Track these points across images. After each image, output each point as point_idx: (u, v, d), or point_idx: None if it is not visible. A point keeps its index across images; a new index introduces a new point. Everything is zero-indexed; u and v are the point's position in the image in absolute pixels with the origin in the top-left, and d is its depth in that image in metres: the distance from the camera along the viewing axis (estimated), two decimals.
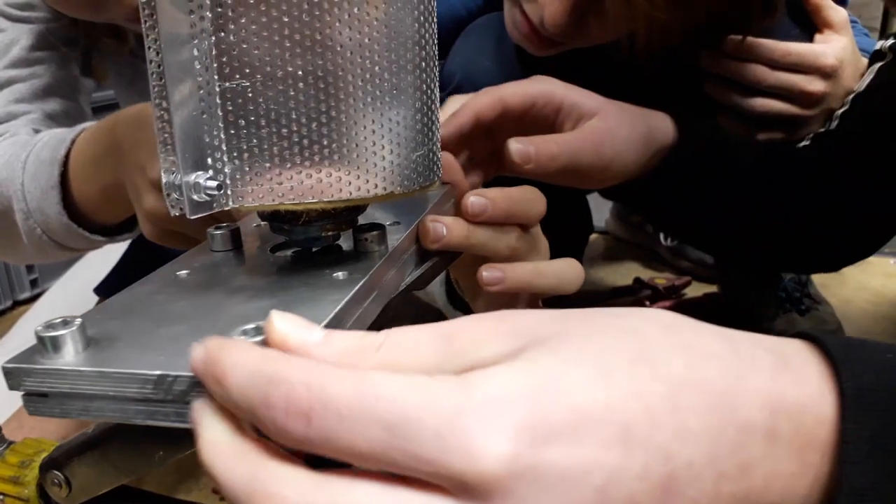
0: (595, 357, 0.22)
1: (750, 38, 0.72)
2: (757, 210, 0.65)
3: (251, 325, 0.26)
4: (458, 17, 0.87)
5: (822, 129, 0.72)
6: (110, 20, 0.77)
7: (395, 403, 0.20)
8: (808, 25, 0.75)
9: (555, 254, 0.57)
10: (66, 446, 0.45)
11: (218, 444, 0.23)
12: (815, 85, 0.72)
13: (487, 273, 0.40)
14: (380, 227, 0.36)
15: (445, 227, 0.39)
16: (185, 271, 0.35)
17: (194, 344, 0.25)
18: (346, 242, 0.37)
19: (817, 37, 0.75)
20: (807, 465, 0.23)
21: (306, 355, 0.24)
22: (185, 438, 0.39)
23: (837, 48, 0.73)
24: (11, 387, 0.28)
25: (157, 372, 0.26)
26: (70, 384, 0.27)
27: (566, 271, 0.44)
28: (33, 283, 1.29)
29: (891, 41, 0.70)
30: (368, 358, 0.24)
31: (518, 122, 0.54)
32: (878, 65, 0.71)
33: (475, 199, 0.39)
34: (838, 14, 0.74)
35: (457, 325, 0.24)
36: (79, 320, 0.28)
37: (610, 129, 0.54)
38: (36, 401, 0.28)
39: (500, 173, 0.55)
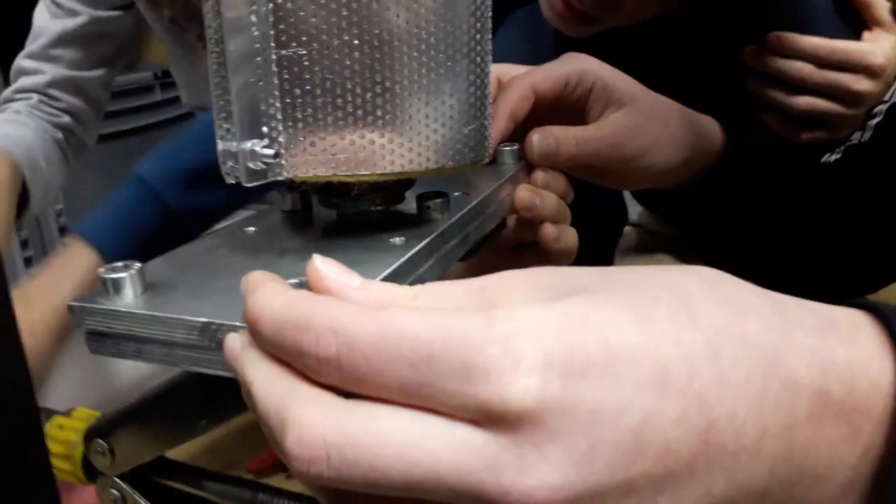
0: (631, 302, 0.21)
1: (794, 35, 0.70)
2: (798, 228, 0.62)
3: (295, 280, 0.26)
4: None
5: (855, 142, 0.70)
6: None
7: (419, 341, 0.20)
8: (856, 22, 0.73)
9: (588, 245, 0.57)
10: (110, 415, 0.46)
11: (254, 367, 0.23)
12: (861, 84, 0.70)
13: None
14: (444, 195, 0.36)
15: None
16: (252, 228, 0.36)
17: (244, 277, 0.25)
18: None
19: (865, 34, 0.72)
20: (857, 431, 0.22)
21: (341, 298, 0.23)
22: (228, 406, 0.39)
23: (886, 47, 0.71)
24: (75, 324, 0.29)
25: (203, 319, 0.27)
26: (125, 325, 0.28)
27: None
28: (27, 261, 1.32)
29: None
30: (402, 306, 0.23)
31: (551, 105, 0.51)
32: None
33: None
34: (888, 12, 0.72)
35: (492, 278, 0.24)
36: (138, 265, 0.29)
37: (636, 125, 0.50)
38: (96, 339, 0.29)
39: None
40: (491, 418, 0.19)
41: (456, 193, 0.38)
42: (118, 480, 0.47)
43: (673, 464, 0.20)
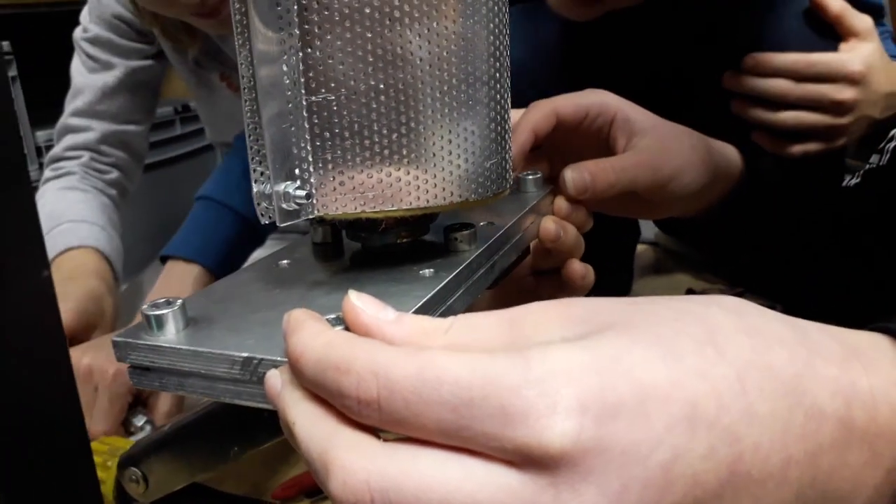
0: (660, 338, 0.22)
1: (769, 54, 0.71)
2: (816, 250, 0.62)
3: (332, 315, 0.27)
4: None
5: (874, 165, 0.70)
6: (177, 15, 0.82)
7: (458, 385, 0.20)
8: (831, 35, 0.74)
9: (602, 260, 0.58)
10: (143, 443, 0.47)
11: (296, 406, 0.24)
12: (844, 93, 0.71)
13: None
14: (470, 226, 0.37)
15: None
16: (285, 261, 0.38)
17: (286, 315, 0.26)
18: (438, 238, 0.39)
19: (842, 46, 0.73)
20: (879, 455, 0.23)
21: (377, 332, 0.24)
22: (260, 433, 0.40)
23: (864, 54, 0.72)
24: (119, 358, 0.30)
25: (245, 354, 0.28)
26: (168, 360, 0.29)
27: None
28: None
29: None
30: (436, 340, 0.24)
31: (571, 134, 0.53)
32: None
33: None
34: (862, 21, 0.73)
35: (523, 311, 0.24)
36: (180, 301, 0.30)
37: (666, 148, 0.51)
38: (140, 373, 0.30)
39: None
40: (529, 460, 0.20)
41: (482, 223, 0.39)
42: None
43: (701, 493, 0.21)
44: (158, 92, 1.06)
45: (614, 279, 0.96)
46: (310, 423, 0.23)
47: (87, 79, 0.97)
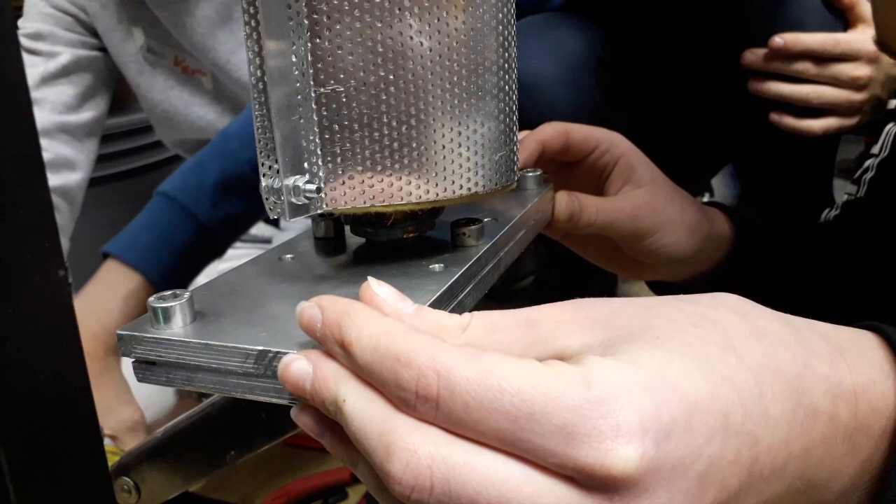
0: (690, 348, 0.23)
1: (798, 34, 0.74)
2: (825, 295, 0.62)
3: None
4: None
5: (853, 196, 0.72)
6: None
7: (520, 397, 0.21)
8: (840, 19, 0.78)
9: (587, 261, 0.58)
10: (135, 452, 0.46)
11: (346, 385, 0.23)
12: (861, 70, 0.75)
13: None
14: (478, 222, 0.36)
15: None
16: (289, 255, 0.37)
17: (303, 302, 0.25)
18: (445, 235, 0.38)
19: (851, 31, 0.77)
20: (857, 447, 0.25)
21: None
22: (257, 437, 0.40)
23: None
24: (124, 353, 0.29)
25: (259, 347, 0.27)
26: (176, 354, 0.28)
27: None
28: None
29: None
30: (455, 337, 0.25)
31: (575, 164, 0.53)
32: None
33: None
34: (868, 9, 0.77)
35: (538, 312, 0.25)
36: (188, 294, 0.29)
37: (653, 203, 0.51)
38: (145, 368, 0.29)
39: None
40: (590, 478, 0.20)
41: (486, 219, 0.39)
42: None
43: (725, 497, 0.22)
44: (111, 89, 1.00)
45: (599, 279, 0.97)
46: (365, 403, 0.23)
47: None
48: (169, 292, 0.30)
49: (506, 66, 0.34)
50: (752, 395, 0.23)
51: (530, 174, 0.47)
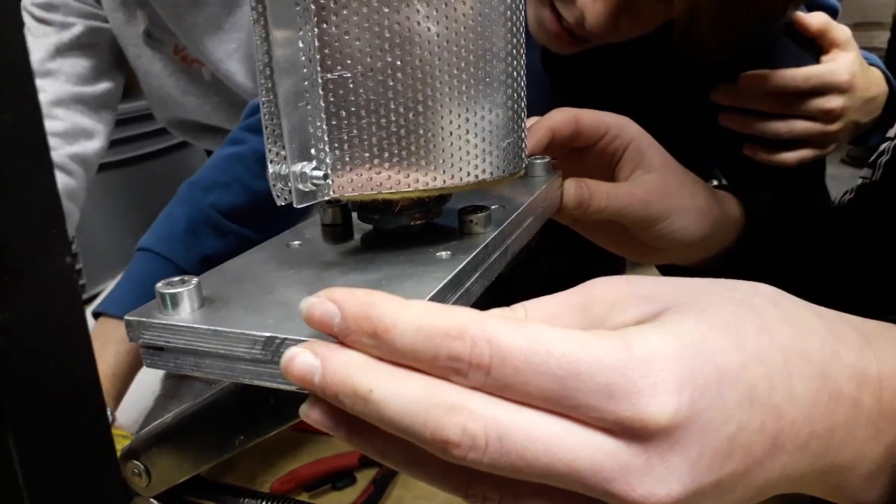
0: (728, 325, 0.25)
1: (766, 71, 0.73)
2: (833, 279, 0.63)
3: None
4: None
5: (868, 180, 0.71)
6: None
7: (567, 359, 0.22)
8: (811, 47, 0.76)
9: (594, 246, 0.58)
10: (145, 436, 0.46)
11: (374, 373, 0.24)
12: (834, 102, 0.73)
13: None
14: (485, 209, 0.36)
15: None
16: (296, 241, 0.37)
17: (309, 298, 0.25)
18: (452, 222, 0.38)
19: (824, 57, 0.76)
20: (881, 432, 0.27)
21: None
22: (266, 421, 0.40)
23: (847, 63, 0.74)
24: (131, 339, 0.29)
25: (267, 333, 0.27)
26: (185, 340, 0.28)
27: None
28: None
29: None
30: None
31: (585, 149, 0.52)
32: None
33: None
34: (843, 32, 0.76)
35: (589, 295, 0.27)
36: (196, 280, 0.29)
37: (664, 188, 0.51)
38: (153, 354, 0.29)
39: None
40: (628, 431, 0.22)
41: (493, 207, 0.39)
42: (154, 502, 0.47)
43: (750, 462, 0.24)
44: (126, 65, 1.00)
45: (607, 263, 0.97)
46: (400, 384, 0.23)
47: (33, 43, 0.90)
48: (177, 278, 0.30)
49: (514, 52, 0.34)
50: (780, 373, 0.25)
51: (538, 161, 0.46)
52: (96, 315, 0.79)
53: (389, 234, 0.37)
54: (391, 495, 0.77)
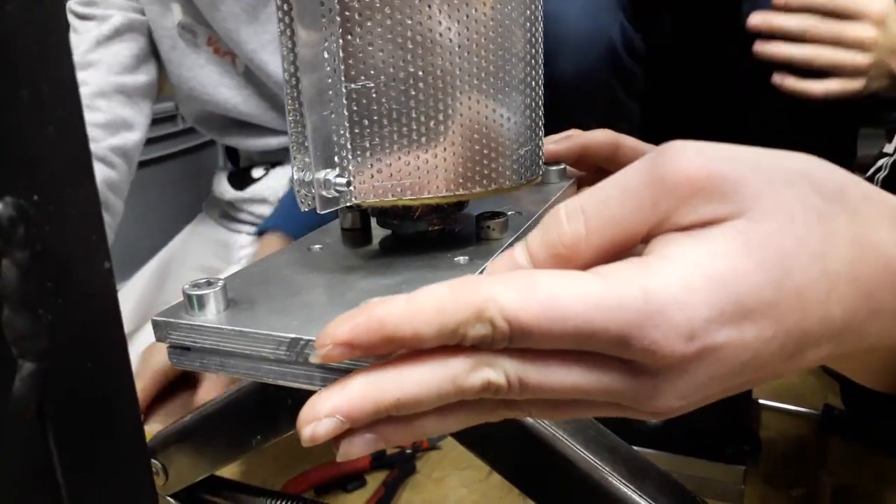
0: (778, 255, 0.24)
1: None
2: None
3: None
4: None
5: None
6: None
7: (583, 318, 0.23)
8: None
9: None
10: (163, 435, 0.47)
11: (405, 385, 0.24)
12: (866, 31, 0.74)
13: None
14: (502, 215, 0.37)
15: None
16: (318, 246, 0.38)
17: (322, 343, 0.24)
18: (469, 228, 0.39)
19: None
20: None
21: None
22: (283, 422, 0.40)
23: (882, 2, 0.75)
24: (159, 339, 0.30)
25: (291, 335, 0.28)
26: (211, 340, 0.29)
27: None
28: None
29: None
30: (580, 244, 0.26)
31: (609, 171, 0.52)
32: None
33: None
34: None
35: (663, 181, 0.25)
36: (222, 282, 0.30)
37: None
38: (179, 353, 0.30)
39: None
40: (641, 366, 0.24)
41: (510, 213, 0.39)
42: (171, 500, 0.48)
43: (763, 374, 0.25)
44: (160, 59, 1.02)
45: None
46: (417, 376, 0.24)
47: (77, 39, 0.92)
48: (203, 280, 0.30)
49: (532, 61, 0.34)
50: (819, 303, 0.24)
51: (553, 168, 0.47)
52: (260, 232, 0.83)
53: (407, 239, 0.38)
54: (401, 498, 0.78)
